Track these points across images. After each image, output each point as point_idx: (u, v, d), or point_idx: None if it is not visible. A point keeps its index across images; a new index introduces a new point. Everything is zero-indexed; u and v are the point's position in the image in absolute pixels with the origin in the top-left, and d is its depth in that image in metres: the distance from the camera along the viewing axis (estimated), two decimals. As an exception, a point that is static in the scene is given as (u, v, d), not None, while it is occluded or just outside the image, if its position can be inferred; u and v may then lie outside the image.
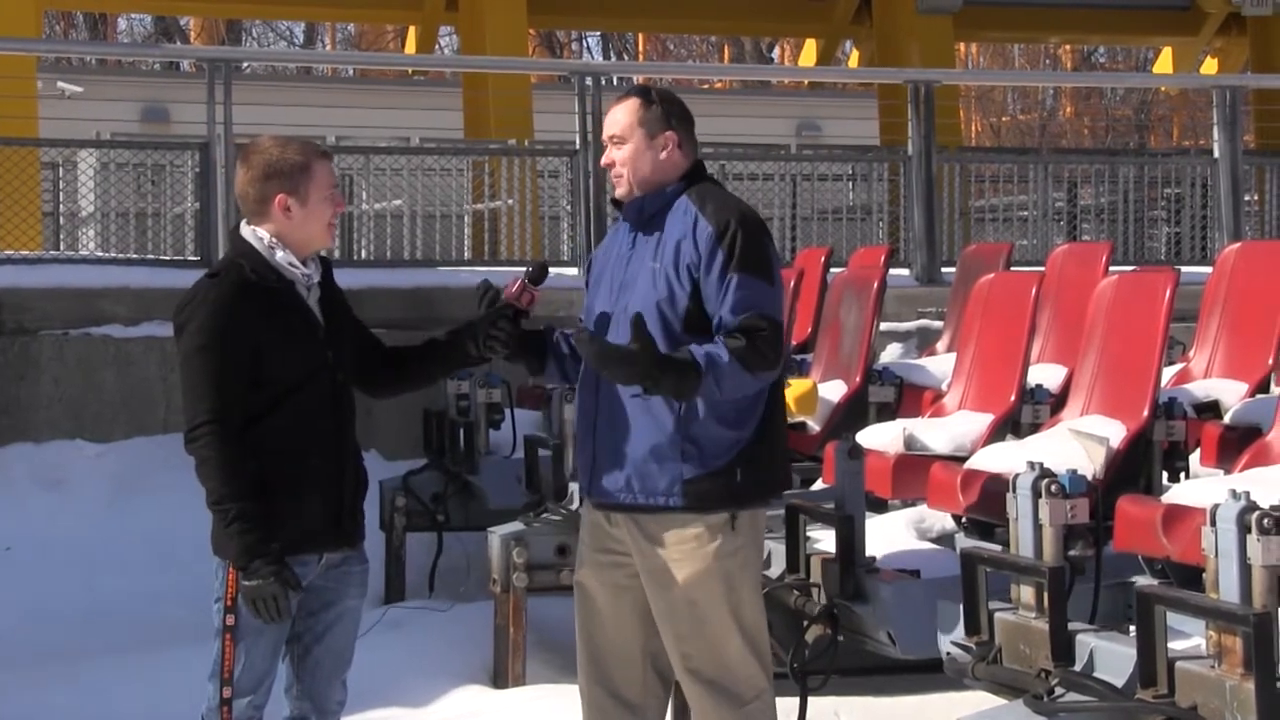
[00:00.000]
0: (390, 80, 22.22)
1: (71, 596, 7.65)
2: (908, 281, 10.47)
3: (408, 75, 21.95)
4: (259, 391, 4.01)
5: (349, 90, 21.35)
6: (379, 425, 8.38)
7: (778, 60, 30.22)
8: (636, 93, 4.26)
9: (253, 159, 4.10)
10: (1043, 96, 32.76)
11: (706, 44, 31.65)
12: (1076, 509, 4.27)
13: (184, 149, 10.51)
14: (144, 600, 7.61)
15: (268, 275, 4.07)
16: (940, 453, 5.49)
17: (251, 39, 32.30)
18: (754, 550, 4.25)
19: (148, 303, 8.91)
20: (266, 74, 22.29)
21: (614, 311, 4.20)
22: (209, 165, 9.57)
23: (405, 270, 10.17)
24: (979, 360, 5.92)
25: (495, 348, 4.25)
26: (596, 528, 4.30)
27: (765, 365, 4.07)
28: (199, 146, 9.81)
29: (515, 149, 11.39)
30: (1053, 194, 12.14)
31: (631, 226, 4.26)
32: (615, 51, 32.73)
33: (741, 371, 4.02)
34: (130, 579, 7.81)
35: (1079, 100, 31.97)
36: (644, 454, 4.11)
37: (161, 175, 11.02)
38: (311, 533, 4.07)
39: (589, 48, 33.18)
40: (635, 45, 31.09)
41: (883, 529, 5.37)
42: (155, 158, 10.92)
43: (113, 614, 7.49)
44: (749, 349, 4.02)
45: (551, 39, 30.56)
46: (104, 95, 17.97)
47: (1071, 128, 31.55)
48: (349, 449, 4.18)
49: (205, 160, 9.62)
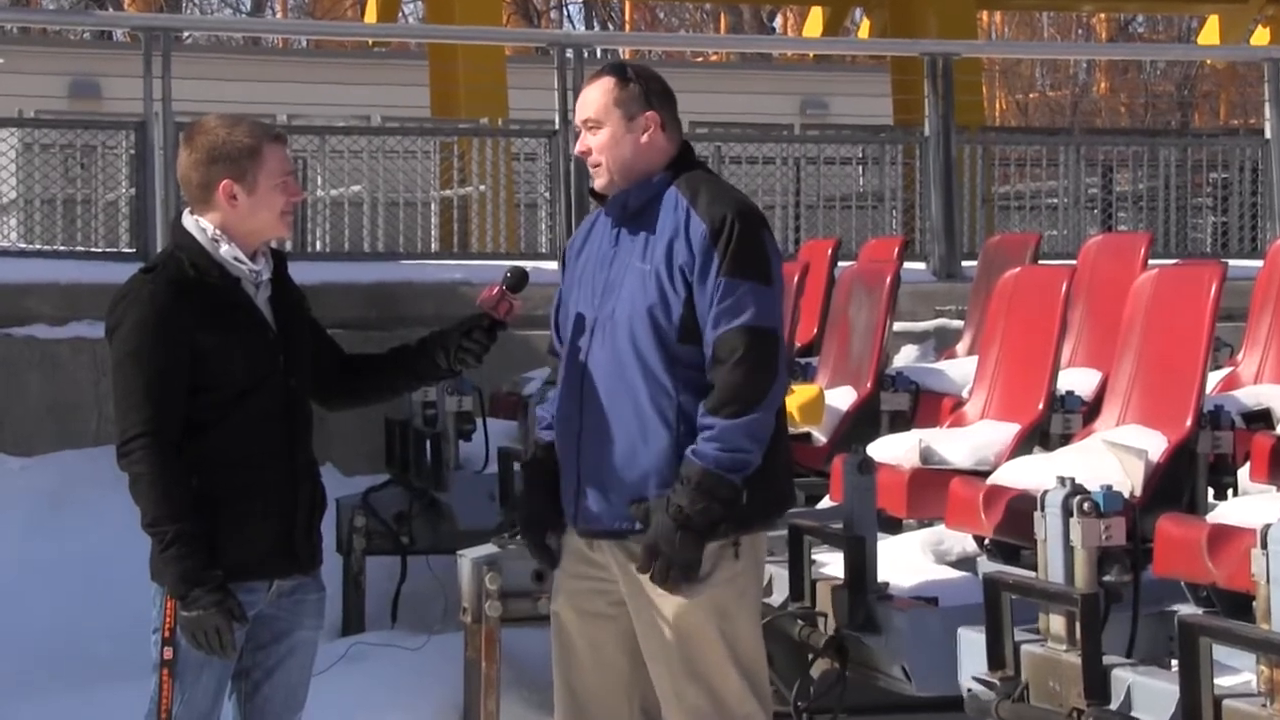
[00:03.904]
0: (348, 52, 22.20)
1: (-12, 629, 7.63)
2: (924, 276, 10.48)
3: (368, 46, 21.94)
4: (201, 399, 4.01)
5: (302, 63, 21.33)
6: (335, 436, 8.36)
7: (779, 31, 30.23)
8: (610, 70, 4.26)
9: (196, 141, 4.10)
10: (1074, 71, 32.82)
11: (700, 12, 31.65)
12: (1112, 529, 4.27)
13: (117, 128, 10.47)
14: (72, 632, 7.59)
15: (210, 271, 4.07)
16: (960, 467, 5.49)
17: (193, 5, 32.26)
18: (753, 576, 4.26)
19: (76, 300, 8.89)
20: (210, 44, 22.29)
21: (598, 317, 4.19)
22: (146, 147, 9.56)
23: (365, 264, 10.16)
24: (1003, 364, 5.93)
25: (467, 360, 4.25)
26: (576, 553, 4.30)
27: (762, 388, 4.05)
28: (134, 126, 9.79)
29: (488, 129, 11.38)
30: (1086, 179, 12.15)
31: (614, 222, 4.26)
32: (599, 20, 32.75)
33: (747, 416, 4.02)
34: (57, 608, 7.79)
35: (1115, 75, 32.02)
36: (638, 477, 4.11)
37: (92, 157, 10.98)
38: (260, 556, 4.07)
39: (570, 16, 33.22)
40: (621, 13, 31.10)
41: (896, 552, 5.37)
42: (85, 138, 10.88)
43: (36, 648, 7.47)
44: (732, 394, 4.02)
45: (528, 6, 30.59)
46: (27, 68, 17.93)
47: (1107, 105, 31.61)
48: (303, 463, 4.17)
49: (142, 141, 9.60)
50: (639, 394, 4.11)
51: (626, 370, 4.11)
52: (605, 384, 4.13)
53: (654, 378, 4.11)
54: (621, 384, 4.12)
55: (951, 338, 8.96)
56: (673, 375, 4.10)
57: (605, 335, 4.16)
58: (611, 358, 4.14)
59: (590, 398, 4.15)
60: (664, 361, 4.11)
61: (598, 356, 4.17)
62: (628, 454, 4.12)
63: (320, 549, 4.25)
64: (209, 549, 3.97)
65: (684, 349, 4.11)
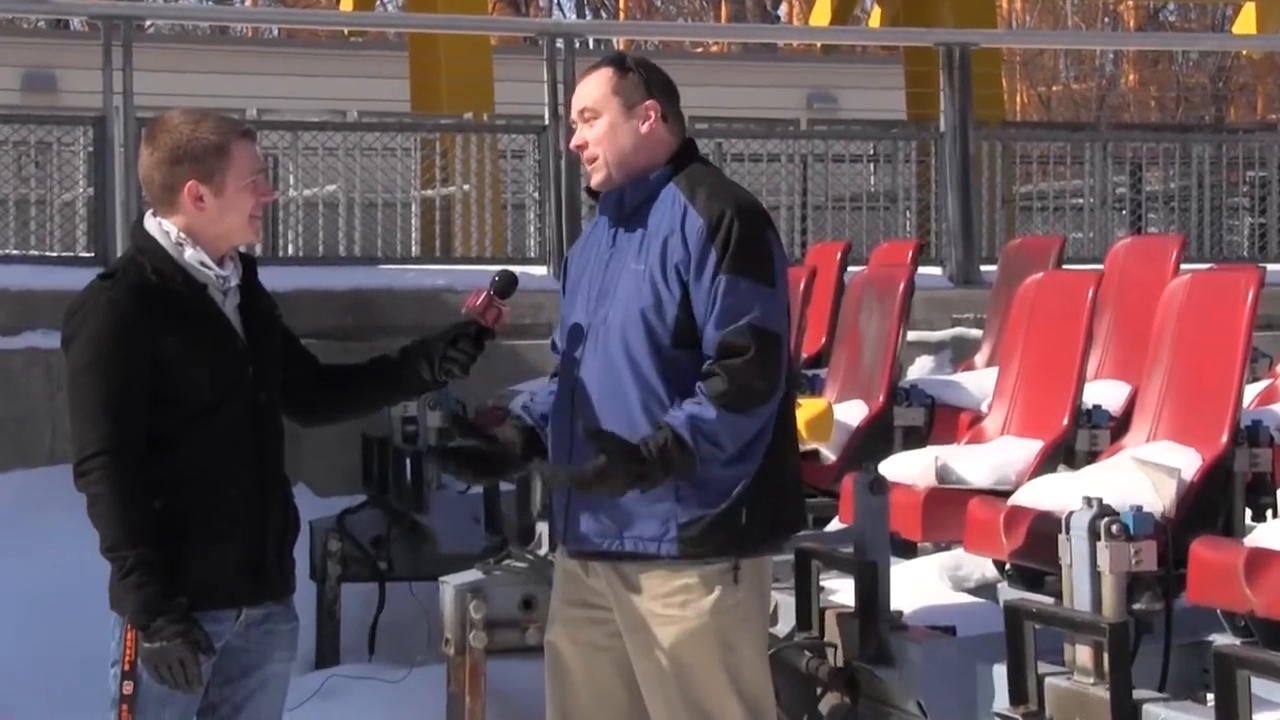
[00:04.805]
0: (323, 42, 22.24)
1: (-63, 661, 7.63)
2: (940, 282, 10.49)
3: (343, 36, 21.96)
4: (164, 415, 4.00)
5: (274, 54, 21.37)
6: (309, 454, 8.35)
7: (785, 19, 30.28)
8: (608, 61, 4.28)
9: (159, 138, 4.10)
10: (1101, 62, 32.87)
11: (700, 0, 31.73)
12: (1142, 553, 4.27)
13: (75, 124, 10.49)
14: (26, 664, 7.58)
15: (173, 277, 4.07)
16: (979, 486, 5.49)
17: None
18: (757, 603, 4.26)
19: (30, 308, 8.89)
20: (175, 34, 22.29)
21: (593, 323, 4.20)
22: (105, 144, 9.57)
23: (341, 269, 10.18)
24: (1025, 376, 5.93)
25: (453, 371, 4.25)
26: (571, 578, 4.30)
27: (760, 397, 4.08)
28: (93, 121, 9.80)
29: (472, 125, 11.40)
30: (1113, 178, 12.17)
31: (611, 221, 4.26)
32: (591, 8, 32.79)
33: (734, 417, 4.04)
34: (9, 639, 7.78)
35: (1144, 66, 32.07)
36: (631, 494, 4.11)
37: (48, 155, 10.99)
38: (227, 583, 4.06)
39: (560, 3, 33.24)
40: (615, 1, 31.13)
41: (911, 577, 5.37)
42: (40, 134, 10.90)
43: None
44: (734, 388, 4.03)
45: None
46: (-22, 60, 17.96)
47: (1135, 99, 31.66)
48: (274, 483, 4.17)
49: (101, 138, 9.61)
50: (631, 402, 4.12)
51: (619, 377, 4.12)
52: (598, 393, 4.14)
53: (647, 385, 4.12)
54: (614, 392, 4.13)
55: (969, 348, 8.97)
56: (666, 382, 4.11)
57: (598, 342, 4.17)
58: (604, 365, 4.15)
59: (583, 408, 4.16)
60: (657, 367, 4.12)
61: (590, 365, 4.18)
62: (620, 469, 4.12)
63: (292, 575, 4.24)
64: (172, 575, 3.96)
65: (679, 353, 4.12)
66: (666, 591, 4.15)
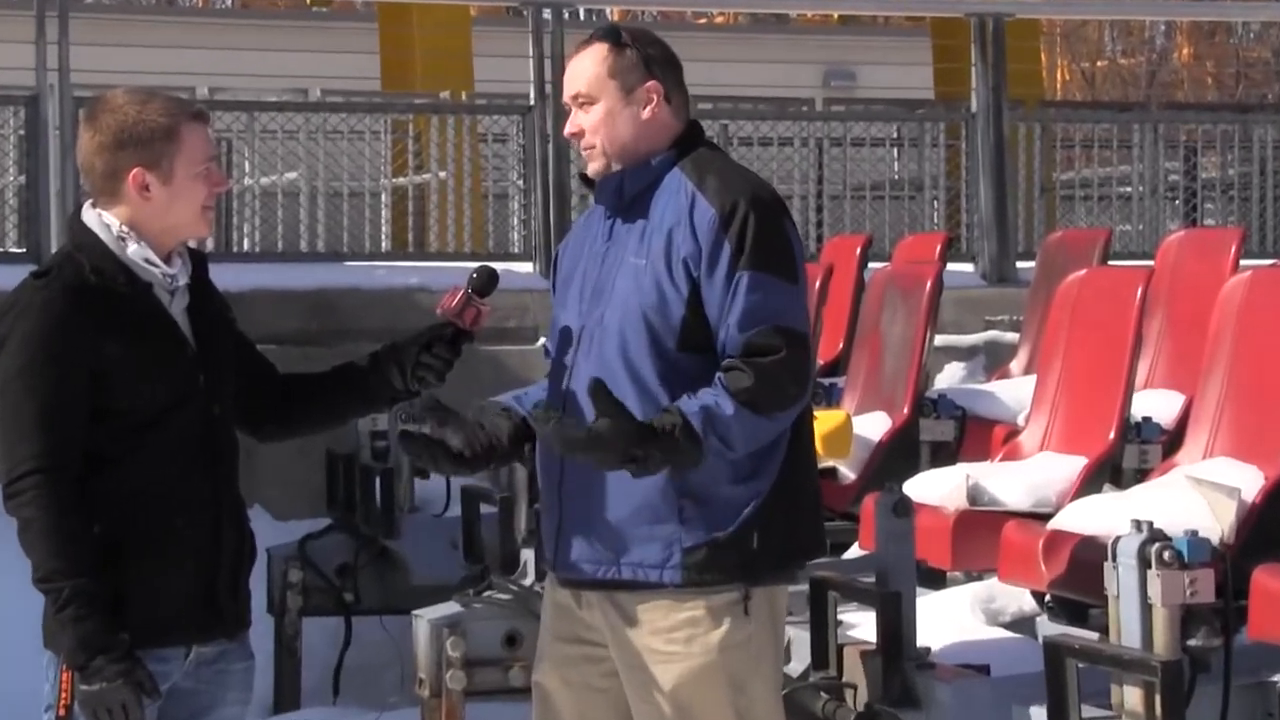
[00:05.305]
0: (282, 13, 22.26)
1: None
2: (972, 280, 10.51)
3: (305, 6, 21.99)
4: (104, 429, 4.00)
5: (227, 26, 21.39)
6: (266, 473, 8.36)
7: (798, -14, 30.31)
8: (602, 35, 4.27)
9: (101, 120, 4.10)
10: (1151, 34, 32.90)
11: (704, -36, 31.72)
12: (1198, 583, 4.27)
13: (4, 104, 10.50)
14: (-49, 709, 7.58)
15: (115, 275, 4.07)
16: (1016, 508, 5.50)
17: (96, -42, 32.31)
18: (770, 639, 4.26)
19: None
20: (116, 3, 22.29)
21: (586, 325, 4.20)
22: (38, 126, 9.57)
23: (302, 266, 10.17)
24: (1067, 385, 5.94)
25: (428, 379, 4.25)
26: (562, 611, 4.31)
27: (785, 401, 4.08)
28: (25, 101, 9.80)
29: (449, 105, 11.41)
30: (1165, 163, 12.19)
31: (609, 211, 4.27)
32: (582, -26, 32.83)
33: (754, 418, 4.03)
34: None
35: (1200, 39, 32.10)
36: (629, 515, 4.12)
37: (-26, 139, 11.00)
38: (175, 617, 4.06)
39: (547, -31, 33.23)
40: (609, -34, 31.13)
41: (939, 610, 5.37)
42: (-35, 116, 10.90)
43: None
44: (760, 386, 4.02)
45: (497, -42, 30.63)
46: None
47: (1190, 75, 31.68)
48: (228, 505, 4.17)
49: (33, 120, 9.61)
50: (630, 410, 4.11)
51: (616, 384, 4.10)
52: (591, 402, 4.13)
53: (648, 393, 4.11)
54: (610, 402, 4.12)
55: (1004, 353, 8.99)
56: (670, 390, 4.10)
57: (592, 346, 4.17)
58: (599, 371, 4.14)
59: (576, 419, 4.15)
60: (660, 374, 4.11)
61: (584, 371, 4.17)
62: (617, 487, 4.12)
63: (248, 608, 4.24)
64: (114, 609, 3.96)
65: (685, 358, 4.12)
66: (669, 625, 4.15)
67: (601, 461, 4.01)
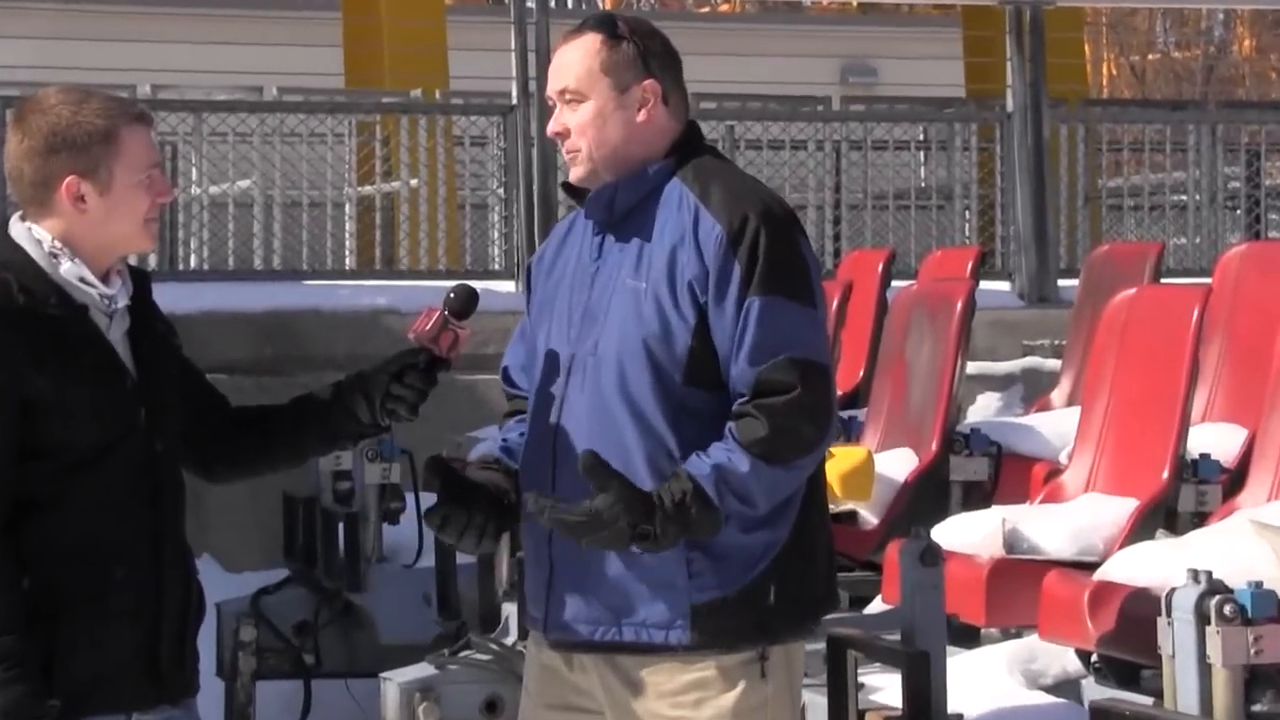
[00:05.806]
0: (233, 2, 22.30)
1: None
2: (1008, 300, 10.52)
3: (260, -6, 22.03)
4: (34, 470, 4.00)
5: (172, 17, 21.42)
6: (217, 518, 8.37)
7: (813, -29, 30.39)
8: (596, 25, 4.26)
9: (30, 122, 4.11)
10: (1208, 24, 32.99)
11: (706, -53, 31.83)
12: (1263, 641, 4.27)
13: (-76, 105, 10.51)
14: None
15: (46, 297, 4.07)
16: (1058, 557, 5.50)
17: (26, -60, 32.40)
18: (788, 703, 4.25)
19: None
20: (48, -8, 22.34)
21: (576, 354, 4.18)
22: (-39, 129, 9.59)
23: (256, 286, 10.19)
24: (1115, 418, 5.94)
25: (399, 412, 4.24)
26: (550, 674, 4.30)
27: (805, 447, 4.07)
28: (-53, 101, 9.82)
29: (421, 104, 11.42)
30: (1224, 169, 12.21)
31: (598, 225, 4.26)
32: (570, -42, 32.91)
33: (772, 470, 4.03)
34: None
35: (1262, 29, 32.18)
36: (630, 569, 4.11)
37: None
38: (113, 681, 4.06)
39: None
40: (600, -51, 31.22)
41: (973, 671, 5.37)
42: (-120, 118, 10.92)
43: None
44: (775, 435, 4.02)
45: (475, -60, 30.72)
46: None
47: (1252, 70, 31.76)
48: (172, 555, 4.17)
49: (-44, 122, 9.62)
50: (631, 454, 4.10)
51: (615, 423, 4.10)
52: (586, 443, 4.12)
53: (652, 433, 4.10)
54: (610, 443, 4.11)
55: (1045, 382, 8.99)
56: (677, 429, 4.10)
57: (585, 378, 4.16)
58: (594, 407, 4.13)
59: (565, 463, 4.13)
60: (665, 411, 4.10)
61: (575, 406, 4.16)
62: (618, 539, 4.11)
63: (195, 671, 4.23)
64: (46, 671, 3.95)
65: (691, 393, 4.11)
66: (676, 688, 4.14)
67: (609, 543, 4.00)
